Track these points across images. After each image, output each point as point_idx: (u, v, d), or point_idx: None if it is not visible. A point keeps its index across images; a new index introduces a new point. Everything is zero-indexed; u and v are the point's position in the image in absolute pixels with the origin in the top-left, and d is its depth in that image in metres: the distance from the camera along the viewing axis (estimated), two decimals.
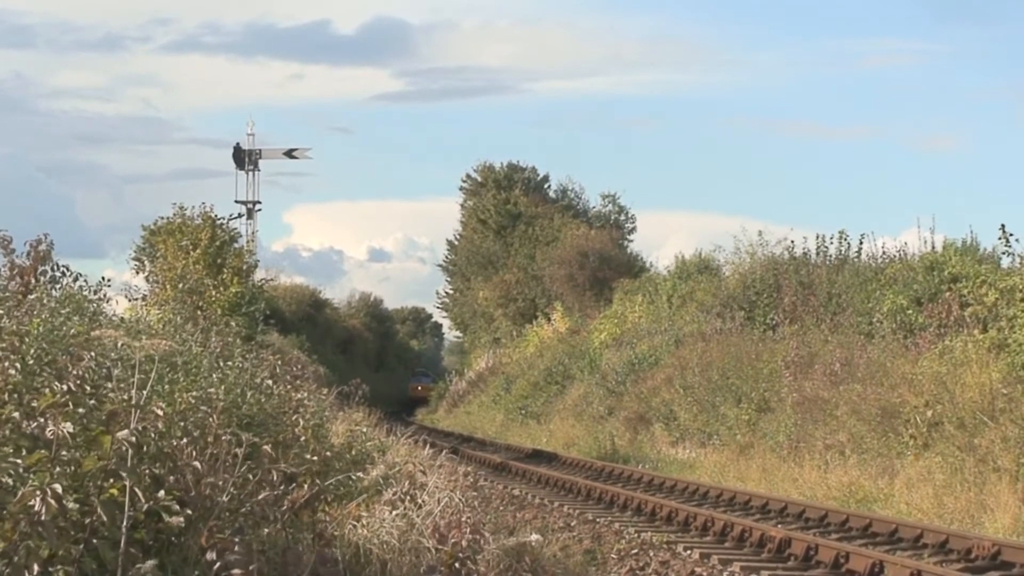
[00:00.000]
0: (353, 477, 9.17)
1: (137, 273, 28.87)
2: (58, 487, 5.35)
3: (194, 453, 6.64)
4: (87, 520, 5.64)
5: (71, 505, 5.49)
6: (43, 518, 5.28)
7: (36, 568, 5.30)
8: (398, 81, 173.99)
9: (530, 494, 22.09)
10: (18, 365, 6.85)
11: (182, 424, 6.94)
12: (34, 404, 6.26)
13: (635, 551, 14.99)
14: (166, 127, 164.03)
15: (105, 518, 5.67)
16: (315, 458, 8.51)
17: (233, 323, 21.79)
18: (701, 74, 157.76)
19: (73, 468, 5.84)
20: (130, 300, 24.24)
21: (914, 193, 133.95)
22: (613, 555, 14.68)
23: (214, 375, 9.93)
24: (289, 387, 12.11)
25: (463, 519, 9.19)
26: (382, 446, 14.69)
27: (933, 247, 27.23)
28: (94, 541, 5.62)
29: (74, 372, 6.80)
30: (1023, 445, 16.95)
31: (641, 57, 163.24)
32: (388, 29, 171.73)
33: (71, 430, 5.81)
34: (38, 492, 5.31)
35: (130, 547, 5.75)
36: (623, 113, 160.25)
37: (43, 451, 5.73)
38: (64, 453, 5.82)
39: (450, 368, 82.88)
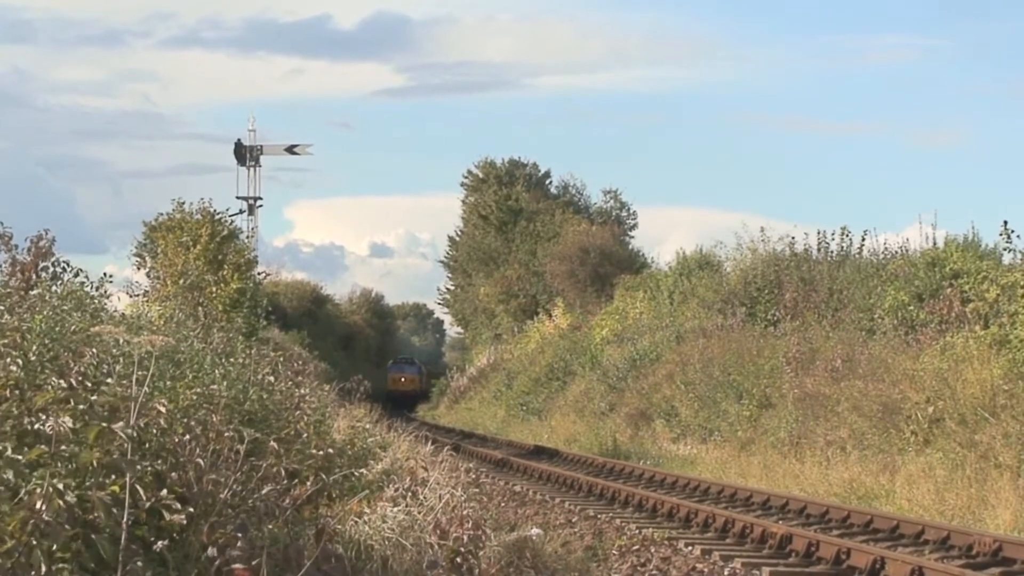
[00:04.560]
0: (355, 473, 9.18)
1: (138, 269, 28.90)
2: (60, 485, 5.35)
3: (196, 449, 6.64)
4: (88, 516, 5.65)
5: (72, 500, 5.49)
6: (46, 517, 5.28)
7: (40, 564, 5.30)
8: (399, 76, 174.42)
9: (531, 490, 22.09)
10: (20, 361, 6.86)
11: (184, 420, 6.95)
12: (34, 400, 6.26)
13: (636, 547, 14.99)
14: (166, 122, 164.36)
15: (105, 515, 5.67)
16: (320, 453, 8.52)
17: (238, 320, 21.80)
18: (703, 70, 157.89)
19: (74, 464, 5.84)
20: (131, 296, 24.27)
21: (916, 189, 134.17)
22: (614, 551, 14.68)
23: (216, 371, 9.93)
24: (291, 383, 12.12)
25: (464, 515, 9.19)
26: (384, 442, 14.71)
27: (935, 243, 27.26)
28: (93, 537, 5.62)
29: (76, 368, 6.81)
30: None
31: (643, 53, 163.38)
32: (389, 24, 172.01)
33: (71, 426, 5.81)
34: (41, 492, 5.31)
35: (131, 543, 5.76)
36: (625, 109, 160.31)
37: (43, 447, 5.73)
38: (64, 449, 5.83)
39: (451, 364, 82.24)
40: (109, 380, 6.80)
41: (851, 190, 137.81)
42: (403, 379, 74.26)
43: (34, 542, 5.28)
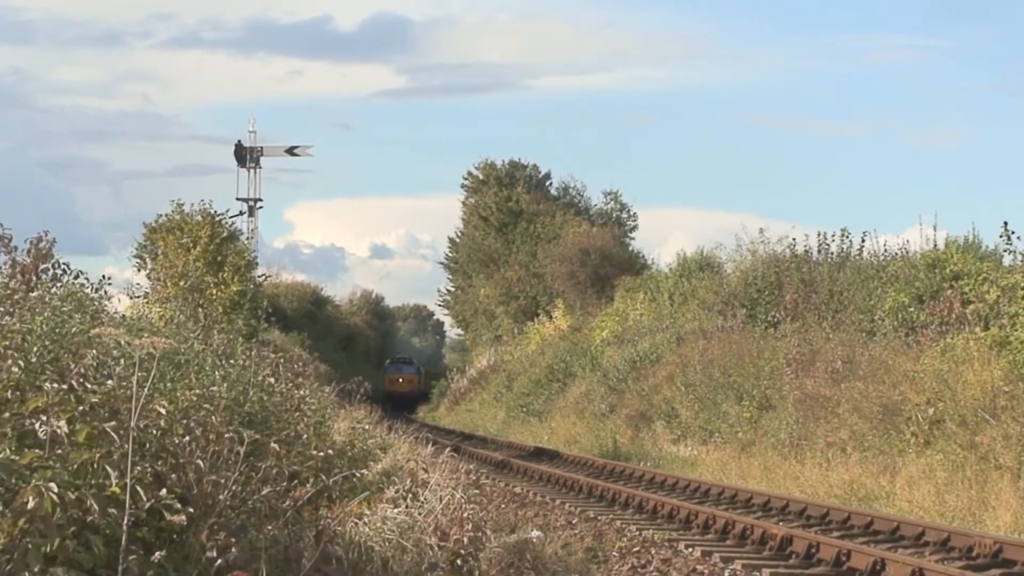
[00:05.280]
0: (355, 475, 9.17)
1: (139, 270, 28.91)
2: (54, 485, 5.35)
3: (196, 451, 6.64)
4: (88, 518, 5.64)
5: (68, 500, 5.49)
6: (41, 515, 5.28)
7: (36, 565, 5.30)
8: (400, 77, 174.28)
9: (532, 492, 22.09)
10: (21, 363, 6.86)
11: (184, 422, 6.95)
12: (31, 403, 6.26)
13: (636, 549, 14.99)
14: (166, 123, 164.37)
15: (104, 515, 5.67)
16: (320, 454, 8.52)
17: (238, 321, 21.79)
18: (703, 70, 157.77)
19: (73, 466, 5.84)
20: (132, 298, 24.27)
21: (916, 189, 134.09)
22: (615, 553, 14.69)
23: (216, 373, 9.93)
24: (291, 385, 12.12)
25: (464, 517, 9.19)
26: (384, 444, 14.72)
27: (935, 244, 27.23)
28: (91, 537, 5.62)
29: (76, 370, 6.81)
30: None
31: (643, 53, 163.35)
32: (389, 25, 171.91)
33: (66, 429, 5.81)
34: (35, 490, 5.31)
35: (131, 544, 5.75)
36: (625, 110, 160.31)
37: (38, 452, 5.72)
38: (60, 451, 5.82)
39: (452, 366, 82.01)
40: (109, 381, 6.81)
41: (851, 190, 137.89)
42: (401, 379, 72.25)
43: (28, 542, 5.28)
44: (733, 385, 27.04)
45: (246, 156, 47.73)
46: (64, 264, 15.78)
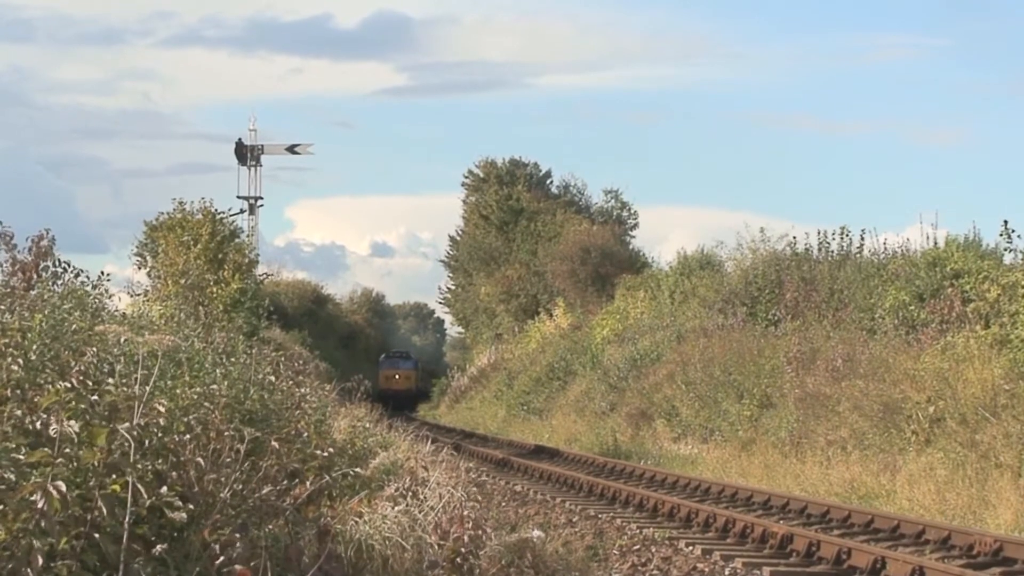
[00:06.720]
0: (355, 472, 9.18)
1: (139, 268, 28.95)
2: (60, 483, 5.35)
3: (197, 449, 6.64)
4: (89, 515, 5.65)
5: (72, 498, 5.49)
6: (45, 512, 5.28)
7: (39, 562, 5.30)
8: (400, 75, 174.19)
9: (532, 490, 22.09)
10: (21, 361, 6.86)
11: (185, 420, 6.95)
12: (36, 400, 6.26)
13: (637, 547, 15.00)
14: (166, 122, 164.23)
15: (108, 514, 5.67)
16: (320, 452, 8.53)
17: (239, 319, 21.82)
18: (703, 69, 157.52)
19: (75, 464, 5.84)
20: (132, 296, 24.27)
21: (917, 188, 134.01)
22: (615, 551, 14.69)
23: (217, 371, 9.93)
24: (291, 383, 12.12)
25: (465, 515, 9.18)
26: (384, 442, 14.72)
27: (935, 243, 27.23)
28: (96, 535, 5.62)
29: (77, 368, 6.81)
30: None
31: (643, 51, 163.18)
32: (390, 23, 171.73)
33: (76, 429, 5.81)
34: (40, 488, 5.31)
35: (132, 542, 5.76)
36: (625, 108, 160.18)
37: (46, 450, 5.73)
38: (67, 449, 5.83)
39: (452, 364, 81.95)
40: (110, 380, 6.81)
41: (851, 189, 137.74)
42: (397, 376, 68.68)
43: (35, 542, 5.28)
44: (734, 383, 27.04)
45: (247, 154, 47.77)
46: (65, 263, 15.77)
